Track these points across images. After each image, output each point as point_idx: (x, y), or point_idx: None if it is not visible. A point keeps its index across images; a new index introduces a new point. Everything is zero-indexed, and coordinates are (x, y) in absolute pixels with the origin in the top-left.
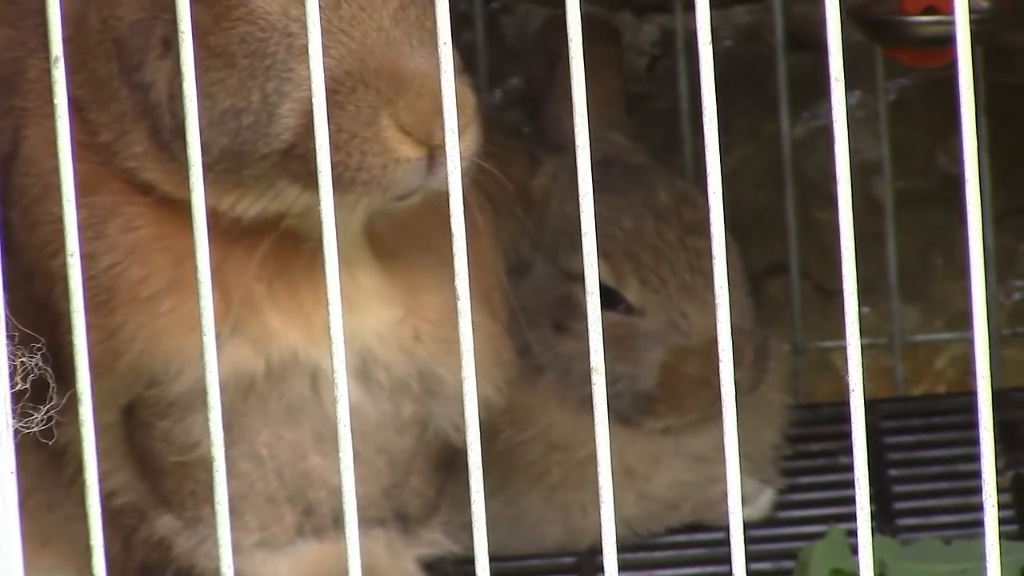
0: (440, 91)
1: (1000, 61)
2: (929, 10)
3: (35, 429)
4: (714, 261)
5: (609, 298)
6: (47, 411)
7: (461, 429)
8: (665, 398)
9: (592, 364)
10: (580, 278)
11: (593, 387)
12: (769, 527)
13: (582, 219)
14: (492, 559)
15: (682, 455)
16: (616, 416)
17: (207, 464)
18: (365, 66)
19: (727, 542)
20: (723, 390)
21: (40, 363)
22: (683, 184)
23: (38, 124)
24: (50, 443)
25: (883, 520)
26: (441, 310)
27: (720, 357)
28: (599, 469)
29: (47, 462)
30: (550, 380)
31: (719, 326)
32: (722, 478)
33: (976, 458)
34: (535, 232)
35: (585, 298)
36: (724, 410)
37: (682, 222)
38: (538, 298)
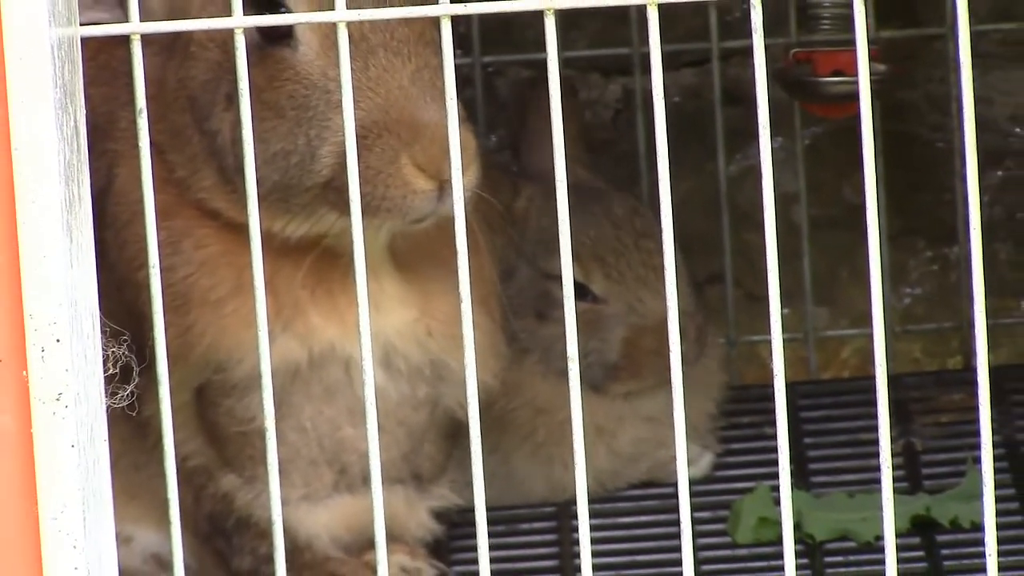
0: (448, 137)
1: (894, 113)
2: (837, 72)
3: (122, 404)
4: (665, 271)
5: (579, 291)
6: (130, 390)
7: (464, 407)
8: (627, 367)
9: (568, 354)
10: (556, 277)
11: (569, 372)
12: (709, 484)
13: (560, 231)
14: (488, 509)
15: (640, 416)
16: (587, 384)
17: (262, 434)
18: (388, 116)
19: (675, 495)
20: (671, 363)
21: (126, 352)
22: (633, 200)
23: (127, 163)
24: (135, 415)
25: (800, 478)
26: (448, 312)
27: (669, 337)
28: (573, 436)
29: (134, 432)
30: (534, 359)
31: (669, 315)
32: (671, 443)
33: (874, 429)
34: (518, 242)
35: (561, 292)
36: (672, 378)
37: (635, 229)
38: (522, 295)
